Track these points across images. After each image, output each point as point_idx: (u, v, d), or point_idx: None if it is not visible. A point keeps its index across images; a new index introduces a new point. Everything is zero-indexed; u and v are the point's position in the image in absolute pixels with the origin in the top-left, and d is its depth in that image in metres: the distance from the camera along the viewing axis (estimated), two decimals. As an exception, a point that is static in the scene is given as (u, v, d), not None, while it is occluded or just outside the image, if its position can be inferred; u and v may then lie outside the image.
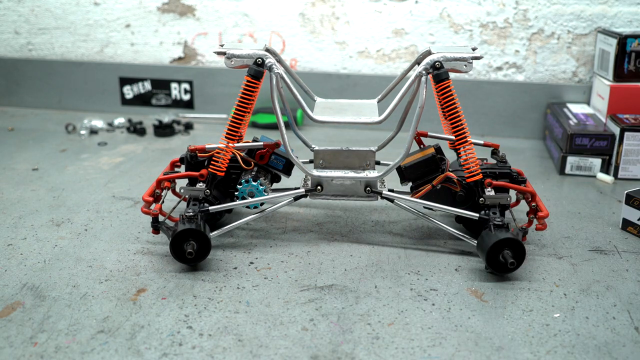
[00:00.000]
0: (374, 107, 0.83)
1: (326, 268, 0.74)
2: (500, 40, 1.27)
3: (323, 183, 0.77)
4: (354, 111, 0.80)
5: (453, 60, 0.73)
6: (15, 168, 1.07)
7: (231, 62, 0.75)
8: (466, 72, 0.73)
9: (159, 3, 1.37)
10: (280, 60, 0.81)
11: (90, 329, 0.61)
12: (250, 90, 0.75)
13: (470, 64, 0.73)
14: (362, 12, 1.30)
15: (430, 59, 0.73)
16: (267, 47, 0.77)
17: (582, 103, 1.25)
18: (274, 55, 0.79)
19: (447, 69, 0.73)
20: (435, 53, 0.74)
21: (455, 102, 0.73)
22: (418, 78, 0.74)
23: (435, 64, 0.73)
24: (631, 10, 1.21)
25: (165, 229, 0.75)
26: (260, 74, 0.75)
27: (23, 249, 0.77)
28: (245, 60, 0.75)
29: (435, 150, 0.79)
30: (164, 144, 1.23)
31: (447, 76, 0.73)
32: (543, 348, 0.59)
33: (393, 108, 0.74)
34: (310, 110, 0.77)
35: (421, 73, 0.73)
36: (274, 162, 0.82)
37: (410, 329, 0.62)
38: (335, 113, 0.79)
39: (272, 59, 0.74)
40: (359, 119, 0.76)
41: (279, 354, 0.58)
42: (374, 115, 0.78)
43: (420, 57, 0.79)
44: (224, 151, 0.77)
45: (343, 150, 0.78)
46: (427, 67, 0.73)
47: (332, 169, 0.78)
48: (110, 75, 1.42)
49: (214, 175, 0.78)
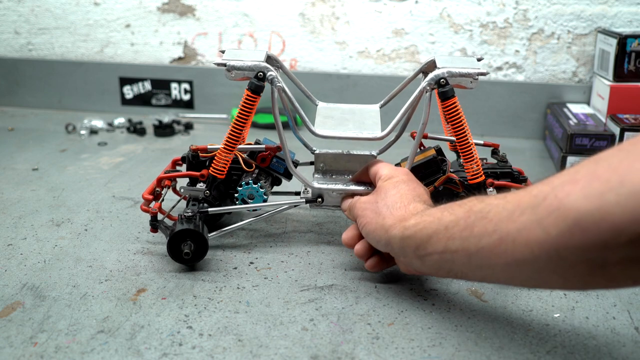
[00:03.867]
0: (376, 115, 0.82)
1: (326, 268, 0.74)
2: (500, 40, 1.27)
3: (324, 195, 0.77)
4: (356, 121, 0.79)
5: (459, 76, 0.71)
6: (15, 168, 1.07)
7: (231, 75, 0.72)
8: (472, 88, 0.71)
9: (159, 3, 1.37)
10: (281, 67, 0.80)
11: (90, 329, 0.61)
12: (250, 104, 0.73)
13: (476, 80, 0.71)
14: (362, 12, 1.30)
15: (435, 74, 0.71)
16: (268, 54, 0.75)
17: (582, 103, 1.25)
18: (275, 62, 0.78)
19: (452, 85, 0.71)
20: (440, 68, 0.71)
21: (462, 119, 0.72)
22: (421, 93, 0.72)
23: (440, 81, 0.70)
24: (631, 10, 1.21)
25: (164, 227, 0.75)
26: (261, 89, 0.72)
27: (23, 249, 0.77)
28: (246, 72, 0.72)
29: (436, 151, 0.79)
30: (164, 144, 1.23)
31: (453, 94, 0.71)
32: (543, 348, 0.59)
33: (396, 124, 0.73)
34: (312, 120, 0.76)
35: (425, 89, 0.71)
36: (276, 165, 0.82)
37: (410, 329, 0.62)
38: (337, 125, 0.78)
39: (273, 71, 0.72)
40: (361, 134, 0.76)
41: (279, 354, 0.58)
42: (376, 126, 0.77)
43: (424, 67, 0.78)
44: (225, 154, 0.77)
45: (344, 154, 0.78)
46: (431, 83, 0.71)
47: (333, 172, 0.78)
48: (110, 75, 1.42)
49: (215, 177, 0.78)
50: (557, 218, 0.44)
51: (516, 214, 0.48)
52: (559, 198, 0.44)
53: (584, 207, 0.42)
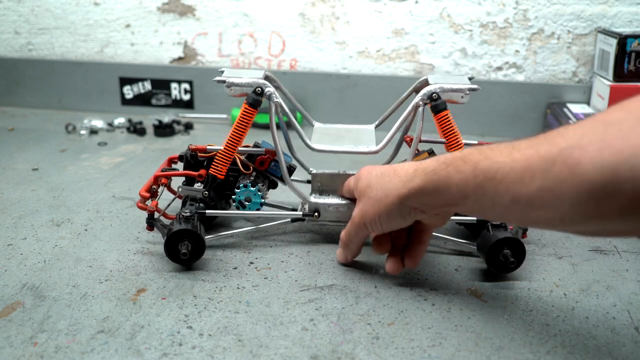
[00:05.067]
0: (371, 134, 0.84)
1: (326, 268, 0.74)
2: (500, 40, 1.27)
3: (320, 210, 0.78)
4: (352, 139, 0.82)
5: (450, 91, 0.75)
6: (15, 168, 1.07)
7: (231, 91, 0.76)
8: (462, 102, 0.75)
9: (159, 3, 1.37)
10: (279, 87, 0.83)
11: (90, 329, 0.61)
12: (247, 118, 0.77)
13: (467, 95, 0.75)
14: (362, 12, 1.30)
15: (428, 89, 0.75)
16: (266, 74, 0.79)
17: (582, 103, 1.25)
18: (273, 82, 0.81)
19: (444, 99, 0.75)
20: (432, 84, 0.75)
21: (455, 130, 0.76)
22: (415, 109, 0.76)
23: (433, 96, 0.75)
24: (631, 10, 1.21)
25: (160, 226, 0.75)
26: (259, 103, 0.76)
27: (23, 249, 0.77)
28: (245, 88, 0.76)
29: (429, 154, 0.79)
30: (164, 144, 1.23)
31: (445, 107, 0.75)
32: (543, 348, 0.59)
33: (390, 138, 0.77)
34: (309, 137, 0.79)
35: (418, 104, 0.75)
36: (274, 169, 0.82)
37: (410, 329, 0.62)
38: (333, 141, 0.81)
39: (271, 87, 0.76)
40: (356, 148, 0.78)
41: (279, 354, 0.58)
42: (371, 144, 0.79)
43: (417, 86, 0.81)
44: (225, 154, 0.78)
45: (340, 174, 0.79)
46: (424, 98, 0.75)
47: (330, 192, 0.80)
48: (110, 75, 1.42)
49: (214, 177, 0.78)
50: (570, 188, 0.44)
51: (527, 178, 0.48)
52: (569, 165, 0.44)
53: (597, 180, 0.42)
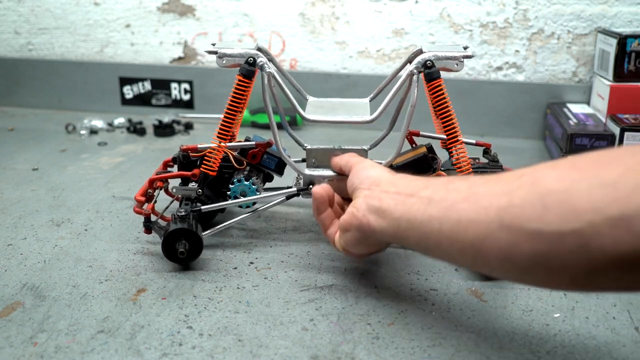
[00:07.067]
0: (365, 106, 0.83)
1: (326, 268, 0.74)
2: (500, 40, 1.27)
3: (315, 182, 0.77)
4: (346, 110, 0.80)
5: (444, 59, 0.73)
6: (15, 168, 1.07)
7: (223, 62, 0.75)
8: (457, 70, 0.73)
9: (159, 3, 1.37)
10: (272, 60, 0.81)
11: (90, 329, 0.61)
12: (241, 89, 0.75)
13: (461, 62, 0.73)
14: (362, 12, 1.30)
15: (422, 57, 0.73)
16: (258, 46, 0.78)
17: (582, 103, 1.25)
18: (266, 55, 0.79)
19: (438, 67, 0.73)
20: (426, 52, 0.74)
21: (447, 101, 0.74)
22: (409, 77, 0.74)
23: (427, 63, 0.73)
24: (631, 10, 1.21)
25: (157, 228, 0.75)
26: (252, 73, 0.75)
27: (23, 249, 0.77)
28: (237, 59, 0.75)
29: (427, 149, 0.79)
30: (164, 144, 1.23)
31: (439, 75, 0.73)
32: (543, 348, 0.59)
33: (384, 107, 0.74)
34: (303, 109, 0.78)
35: (412, 72, 0.73)
36: (266, 161, 0.82)
37: (410, 329, 0.62)
38: (327, 112, 0.80)
39: (263, 58, 0.74)
40: (350, 118, 0.77)
41: (279, 354, 0.58)
42: (365, 115, 0.78)
43: (411, 56, 0.79)
44: (215, 151, 0.77)
45: (335, 148, 0.78)
46: (418, 66, 0.73)
47: (325, 167, 0.78)
48: (110, 75, 1.42)
49: (206, 175, 0.78)
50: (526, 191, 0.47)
51: (492, 181, 0.51)
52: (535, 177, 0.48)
53: (554, 187, 0.45)
